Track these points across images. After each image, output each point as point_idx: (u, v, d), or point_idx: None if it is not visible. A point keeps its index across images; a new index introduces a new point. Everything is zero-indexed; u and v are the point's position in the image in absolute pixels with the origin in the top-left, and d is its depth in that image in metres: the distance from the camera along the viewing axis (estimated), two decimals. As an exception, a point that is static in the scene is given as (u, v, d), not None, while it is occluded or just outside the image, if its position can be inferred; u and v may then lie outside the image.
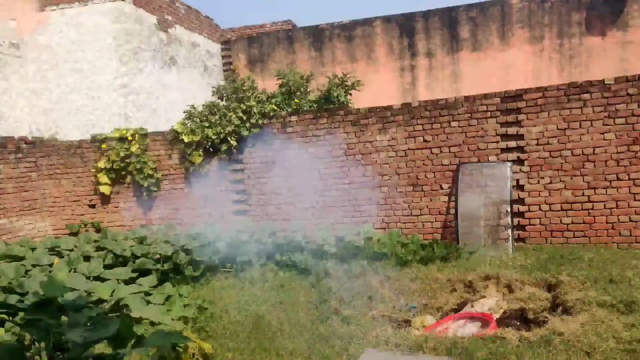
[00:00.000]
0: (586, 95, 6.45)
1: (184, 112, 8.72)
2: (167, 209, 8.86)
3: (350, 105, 8.32)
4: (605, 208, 6.42)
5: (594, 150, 6.45)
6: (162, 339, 1.33)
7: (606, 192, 6.42)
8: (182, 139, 8.47)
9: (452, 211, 7.08)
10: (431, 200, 7.23)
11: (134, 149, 8.81)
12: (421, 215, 7.30)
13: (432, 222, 7.26)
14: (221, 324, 4.74)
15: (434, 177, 7.20)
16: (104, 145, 9.06)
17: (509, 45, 11.36)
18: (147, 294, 5.08)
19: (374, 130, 7.47)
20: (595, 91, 6.41)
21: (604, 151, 6.40)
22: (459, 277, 5.76)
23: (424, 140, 7.22)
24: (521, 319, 4.78)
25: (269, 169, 8.14)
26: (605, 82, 6.38)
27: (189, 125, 8.57)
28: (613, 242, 6.35)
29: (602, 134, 6.40)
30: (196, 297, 4.99)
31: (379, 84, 11.98)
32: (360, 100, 9.02)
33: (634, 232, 6.29)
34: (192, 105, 8.67)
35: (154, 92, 11.00)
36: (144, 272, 6.01)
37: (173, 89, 11.63)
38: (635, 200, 6.29)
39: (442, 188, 7.17)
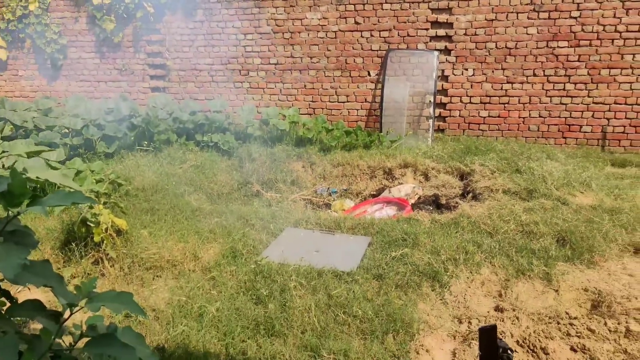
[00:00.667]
0: (517, -15, 6.38)
1: (91, -32, 7.64)
2: (75, 81, 8.10)
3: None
4: (519, 103, 6.70)
5: (516, 44, 6.54)
6: (62, 199, 1.18)
7: (522, 87, 6.66)
8: (91, 0, 7.51)
9: (378, 99, 7.08)
10: (358, 87, 7.15)
11: (32, 7, 7.74)
12: (347, 102, 7.24)
13: (357, 109, 7.25)
14: (137, 202, 4.60)
15: (363, 62, 7.05)
16: (-6, 2, 7.88)
17: None
18: (54, 168, 4.74)
19: (304, 6, 7.02)
20: (526, -19, 6.35)
21: (525, 45, 6.52)
22: (379, 164, 5.92)
23: (355, 22, 6.93)
24: (434, 204, 5.07)
25: (190, 42, 7.54)
26: (537, -26, 6.31)
27: (98, -16, 7.57)
28: (522, 136, 6.74)
29: (526, 27, 6.47)
30: (109, 173, 4.74)
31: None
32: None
33: (542, 127, 6.69)
34: (102, -39, 7.59)
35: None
36: (49, 147, 5.58)
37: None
38: (546, 96, 6.60)
39: (369, 74, 7.08)
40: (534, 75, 6.57)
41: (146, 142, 6.19)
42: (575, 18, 6.28)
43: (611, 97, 6.39)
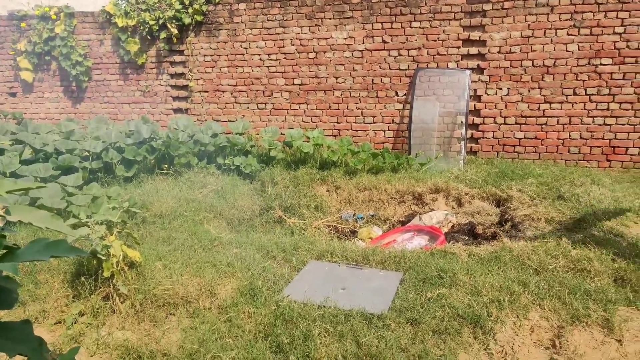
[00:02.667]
0: (554, 1, 6.03)
1: (116, -8, 7.64)
2: (99, 102, 8.04)
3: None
4: (558, 124, 6.30)
5: (554, 62, 6.17)
6: (40, 252, 0.92)
7: (561, 107, 6.26)
8: (116, 22, 7.48)
9: (406, 120, 6.77)
10: (385, 108, 6.86)
11: (59, 30, 7.75)
12: (374, 123, 6.95)
13: (384, 130, 6.94)
14: (153, 229, 4.36)
15: (390, 82, 6.76)
16: (23, 24, 7.91)
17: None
18: (70, 194, 4.56)
19: (329, 25, 6.81)
20: (565, -3, 6.00)
21: (565, 63, 6.14)
22: (409, 188, 5.58)
23: (383, 41, 6.67)
24: (470, 233, 4.69)
25: (214, 63, 7.39)
26: (577, -12, 5.97)
27: (123, 6, 7.54)
28: (562, 159, 6.31)
29: (565, 44, 6.10)
30: (127, 199, 4.52)
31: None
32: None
33: (583, 149, 6.26)
34: (126, -16, 7.58)
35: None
36: (68, 170, 5.43)
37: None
38: (588, 116, 6.18)
39: (397, 95, 6.78)
40: (575, 94, 6.17)
41: (166, 166, 5.99)
42: (619, 34, 5.88)
43: (661, 118, 5.93)
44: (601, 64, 6.00)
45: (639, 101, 5.97)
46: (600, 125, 6.16)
